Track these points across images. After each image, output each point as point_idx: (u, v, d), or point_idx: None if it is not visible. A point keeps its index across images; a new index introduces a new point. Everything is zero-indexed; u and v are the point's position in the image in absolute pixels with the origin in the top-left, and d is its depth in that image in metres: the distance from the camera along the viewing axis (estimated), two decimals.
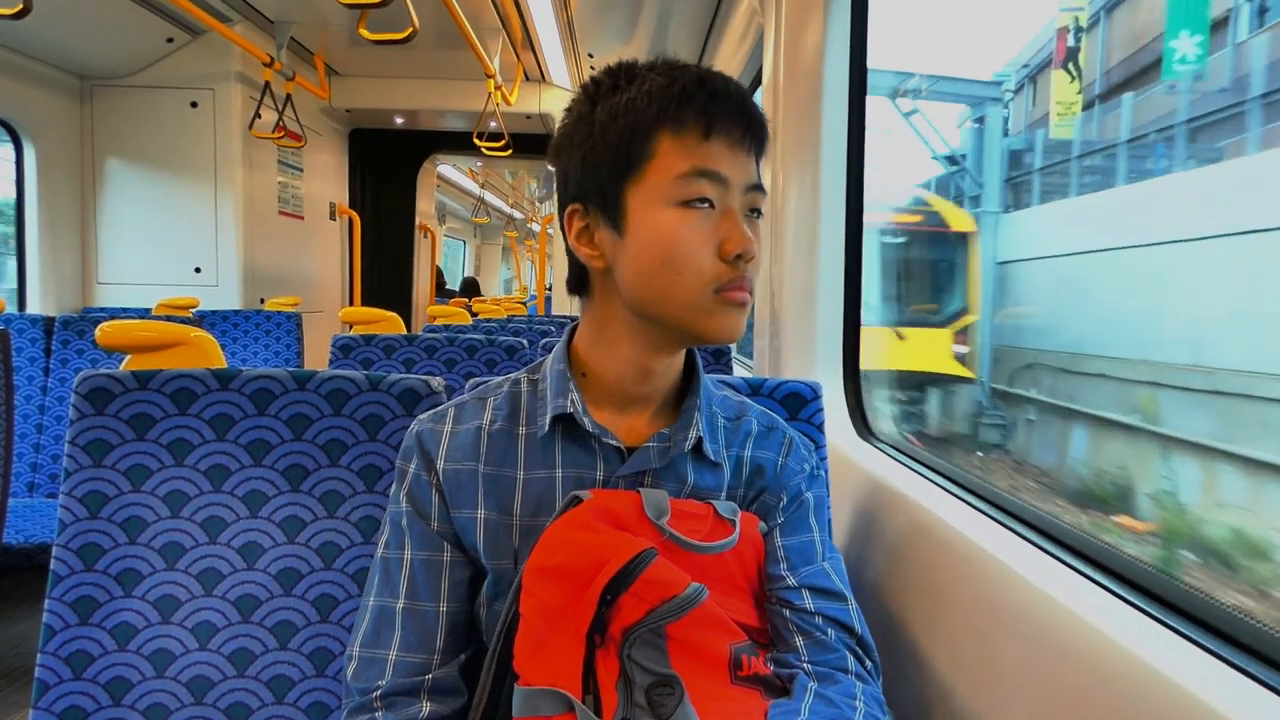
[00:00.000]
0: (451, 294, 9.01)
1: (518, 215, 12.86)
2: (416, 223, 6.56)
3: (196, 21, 3.59)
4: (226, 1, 3.84)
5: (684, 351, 0.83)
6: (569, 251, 0.80)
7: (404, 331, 2.28)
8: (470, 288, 9.90)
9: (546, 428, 0.78)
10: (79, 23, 3.47)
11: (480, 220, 9.65)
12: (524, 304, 8.38)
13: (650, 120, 0.72)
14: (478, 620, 0.79)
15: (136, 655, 0.96)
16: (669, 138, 0.72)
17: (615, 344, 0.79)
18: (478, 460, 0.79)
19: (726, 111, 0.72)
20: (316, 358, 4.43)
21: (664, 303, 0.73)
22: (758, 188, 0.76)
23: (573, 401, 0.78)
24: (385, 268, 6.28)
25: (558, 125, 0.80)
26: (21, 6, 2.26)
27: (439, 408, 0.84)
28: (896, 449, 1.41)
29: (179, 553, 0.98)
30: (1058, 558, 0.83)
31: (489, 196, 10.26)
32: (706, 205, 0.72)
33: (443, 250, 12.27)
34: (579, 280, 0.82)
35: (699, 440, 0.79)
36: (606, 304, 0.79)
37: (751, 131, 0.74)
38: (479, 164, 8.42)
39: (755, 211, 0.76)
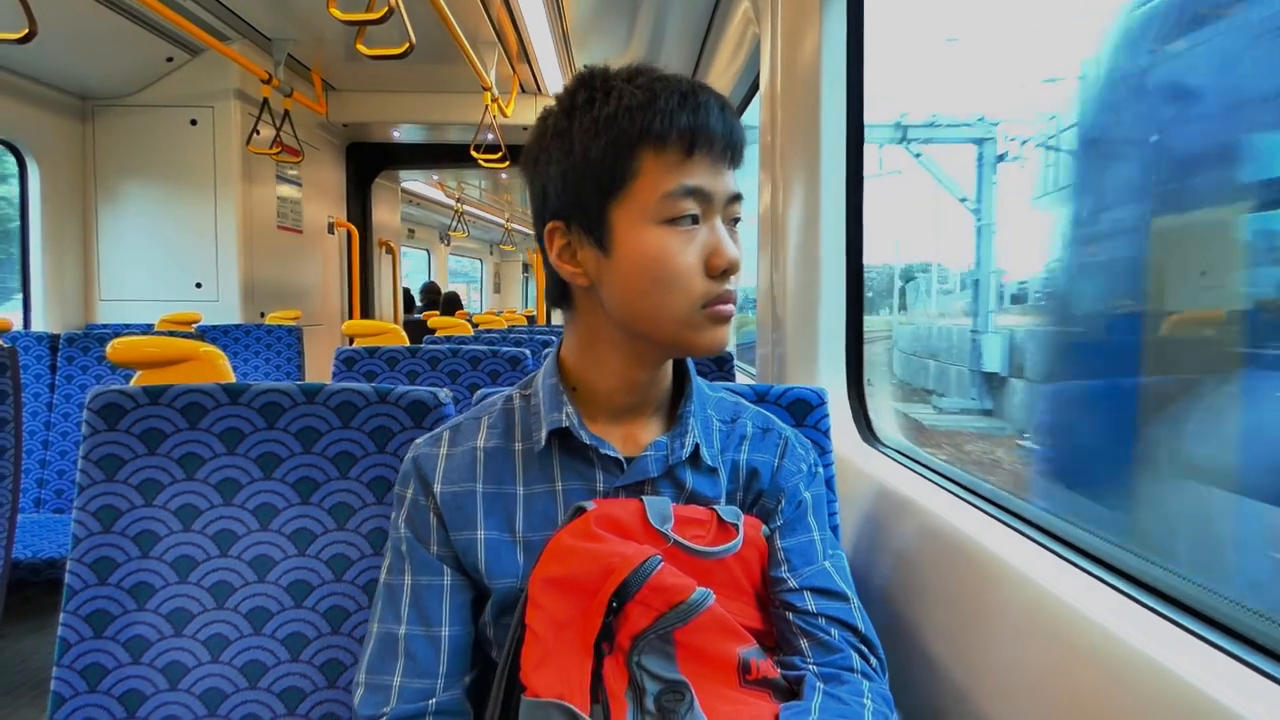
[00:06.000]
0: (422, 309, 9.02)
1: (522, 230, 12.89)
2: (375, 238, 6.50)
3: (195, 40, 3.62)
4: (225, 20, 3.87)
5: (672, 360, 0.83)
6: (548, 267, 0.79)
7: (407, 344, 2.30)
8: (451, 303, 9.94)
9: (543, 442, 0.78)
10: (81, 45, 3.50)
11: (459, 235, 9.72)
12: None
13: (633, 138, 0.70)
14: (484, 639, 0.79)
15: (150, 668, 0.96)
16: (651, 155, 0.71)
17: (602, 358, 0.79)
18: (476, 480, 0.79)
19: (708, 127, 0.71)
20: (317, 371, 4.44)
21: (652, 319, 0.73)
22: (737, 198, 0.76)
23: (568, 415, 0.77)
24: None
25: (531, 134, 0.79)
26: (28, 30, 2.29)
27: (435, 430, 0.84)
28: (902, 454, 1.41)
29: (191, 566, 0.99)
30: (1070, 560, 0.83)
31: (481, 213, 10.30)
32: (691, 222, 0.72)
33: (448, 267, 12.35)
34: (561, 294, 0.81)
35: (696, 446, 0.79)
36: (591, 319, 0.79)
37: (731, 145, 0.74)
38: (435, 175, 8.42)
39: (734, 220, 0.77)
